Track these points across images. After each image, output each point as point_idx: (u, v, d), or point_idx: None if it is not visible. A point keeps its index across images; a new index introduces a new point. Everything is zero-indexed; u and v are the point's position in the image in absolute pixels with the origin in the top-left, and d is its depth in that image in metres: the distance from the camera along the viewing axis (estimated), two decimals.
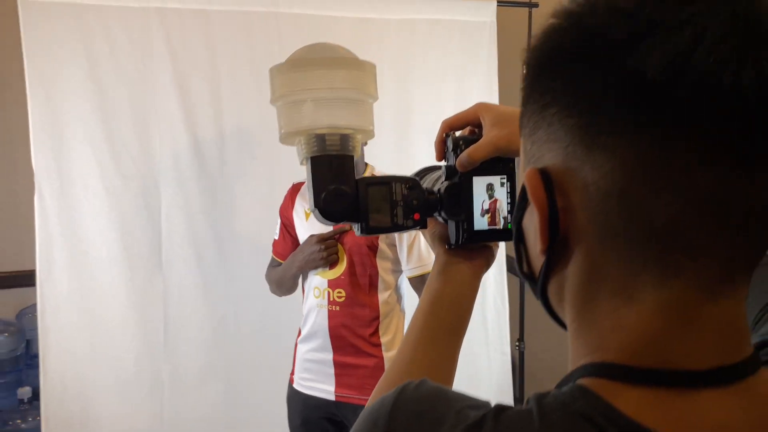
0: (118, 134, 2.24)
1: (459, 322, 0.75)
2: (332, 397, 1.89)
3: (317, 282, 1.91)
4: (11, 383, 2.84)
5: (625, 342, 0.42)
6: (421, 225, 0.76)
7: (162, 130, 2.28)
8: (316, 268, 1.88)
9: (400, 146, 2.54)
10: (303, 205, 1.98)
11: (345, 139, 0.73)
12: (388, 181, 0.74)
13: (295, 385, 1.97)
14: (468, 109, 0.78)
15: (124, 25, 2.21)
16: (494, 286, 2.64)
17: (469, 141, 0.74)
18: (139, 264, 2.27)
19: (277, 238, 2.05)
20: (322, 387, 1.90)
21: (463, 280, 0.76)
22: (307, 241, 1.88)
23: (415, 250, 1.87)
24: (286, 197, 2.04)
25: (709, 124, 0.37)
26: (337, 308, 1.87)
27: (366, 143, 1.97)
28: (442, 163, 0.78)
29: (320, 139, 0.72)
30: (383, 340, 1.89)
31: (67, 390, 2.20)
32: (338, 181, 0.71)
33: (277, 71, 0.76)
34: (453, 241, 0.75)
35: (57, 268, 2.19)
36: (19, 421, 2.75)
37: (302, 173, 2.00)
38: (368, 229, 0.74)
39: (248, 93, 2.34)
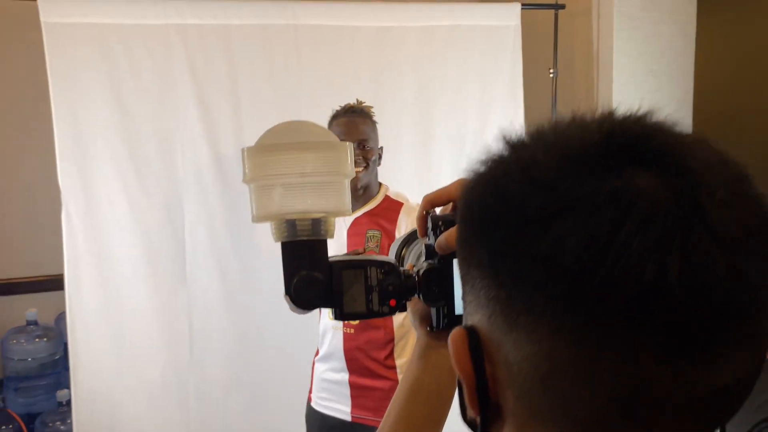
0: (142, 151, 2.27)
1: (438, 413, 0.73)
2: (348, 418, 1.90)
3: None
4: (51, 386, 2.94)
5: None
6: (399, 310, 0.74)
7: (184, 147, 2.30)
8: None
9: (421, 156, 2.52)
10: None
11: (316, 223, 0.72)
12: (363, 265, 0.72)
13: (312, 404, 1.99)
14: (449, 185, 0.75)
15: (145, 43, 2.24)
16: None
17: (448, 222, 0.72)
18: (164, 278, 2.31)
19: None
20: (339, 407, 1.91)
21: (443, 367, 0.73)
22: None
23: None
24: None
25: (630, 318, 0.34)
26: (352, 331, 1.87)
27: (379, 163, 1.95)
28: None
29: (291, 224, 0.71)
30: (398, 362, 1.88)
31: (96, 402, 2.27)
32: (310, 266, 0.70)
33: (248, 153, 0.75)
34: (434, 324, 0.74)
35: (85, 283, 2.25)
36: (58, 423, 2.85)
37: None
38: (342, 315, 0.72)
39: (268, 107, 2.35)
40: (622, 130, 0.38)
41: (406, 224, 1.86)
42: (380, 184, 1.97)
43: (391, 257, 0.80)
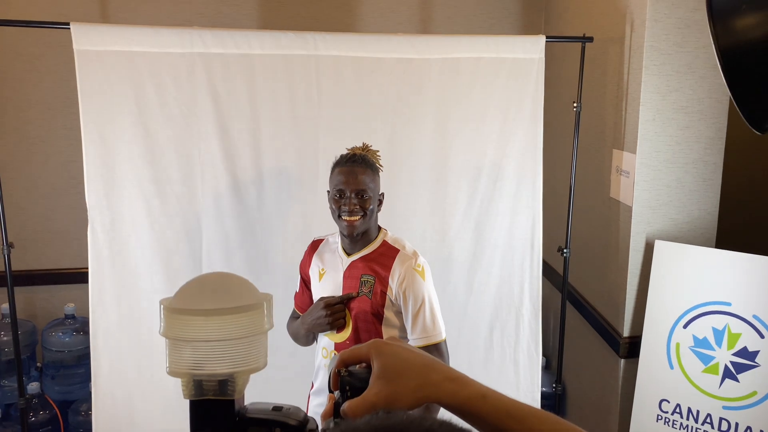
0: (164, 174, 2.37)
1: None
2: None
3: (325, 342, 1.98)
4: (85, 375, 3.14)
5: None
6: None
7: (204, 171, 2.40)
8: (323, 330, 1.95)
9: (437, 187, 2.53)
10: (318, 265, 2.04)
11: (224, 384, 0.77)
12: (268, 424, 0.77)
13: None
14: (362, 347, 0.78)
15: (171, 71, 2.32)
16: (528, 333, 2.61)
17: (355, 388, 0.76)
18: None
19: (297, 290, 2.13)
20: None
21: None
22: (315, 305, 1.95)
23: (420, 321, 1.89)
24: (305, 253, 2.11)
25: None
26: None
27: (379, 209, 1.98)
28: None
29: (198, 384, 0.76)
30: None
31: (117, 406, 2.43)
32: (214, 426, 0.75)
33: (164, 311, 0.81)
34: None
35: (107, 296, 2.39)
36: (91, 411, 3.06)
37: (326, 227, 2.06)
38: None
39: (287, 135, 2.41)
40: None
41: (399, 272, 1.90)
42: (380, 228, 2.00)
43: (301, 415, 0.84)
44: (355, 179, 1.87)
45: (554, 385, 2.78)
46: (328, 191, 1.95)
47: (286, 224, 2.47)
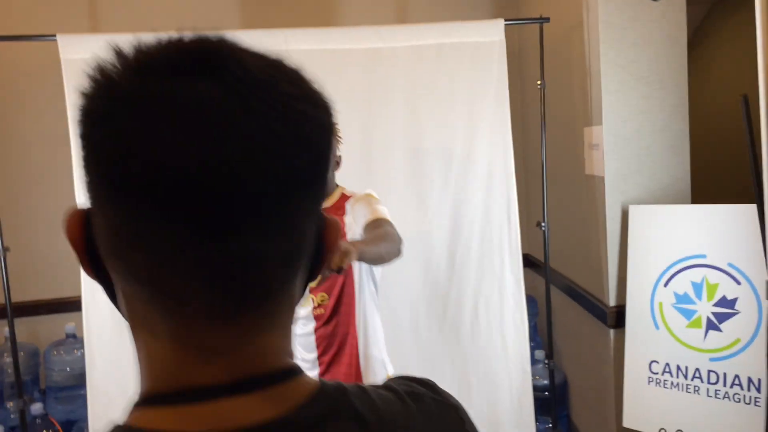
0: None
1: None
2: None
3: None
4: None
5: (156, 371, 0.48)
6: None
7: None
8: None
9: (411, 167, 2.63)
10: None
11: None
12: None
13: None
14: None
15: None
16: (512, 304, 2.65)
17: None
18: None
19: None
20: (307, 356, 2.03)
21: None
22: None
23: (362, 205, 1.95)
24: None
25: (161, 200, 0.42)
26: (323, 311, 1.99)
27: (337, 169, 2.06)
28: None
29: None
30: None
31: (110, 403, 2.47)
32: None
33: None
34: None
35: (101, 308, 2.45)
36: None
37: None
38: None
39: None
40: (191, 44, 0.45)
41: (350, 207, 1.96)
42: (337, 185, 2.07)
43: None
44: None
45: (545, 362, 2.79)
46: None
47: None
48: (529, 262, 3.58)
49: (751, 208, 2.18)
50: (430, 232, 2.63)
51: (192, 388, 0.46)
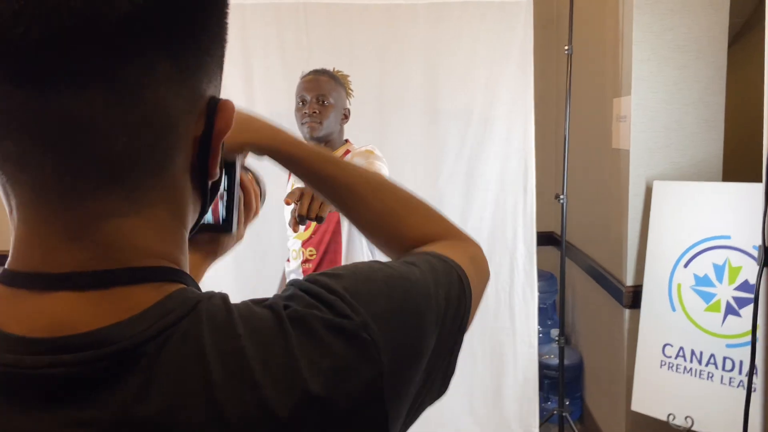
0: None
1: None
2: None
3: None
4: None
5: (14, 251, 0.45)
6: None
7: None
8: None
9: (427, 130, 2.55)
10: (293, 184, 2.07)
11: None
12: None
13: None
14: None
15: None
16: (523, 277, 2.56)
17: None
18: None
19: None
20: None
21: (193, 264, 0.80)
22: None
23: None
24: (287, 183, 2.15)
25: None
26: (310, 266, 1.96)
27: (346, 121, 2.00)
28: None
29: None
30: None
31: None
32: None
33: None
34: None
35: None
36: None
37: None
38: None
39: (279, 82, 2.48)
40: None
41: (350, 157, 1.91)
42: (346, 140, 2.02)
43: None
44: (317, 85, 1.92)
45: (557, 338, 2.69)
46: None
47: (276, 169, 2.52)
48: (552, 239, 3.47)
49: None
50: (442, 198, 2.55)
51: (39, 273, 0.43)
